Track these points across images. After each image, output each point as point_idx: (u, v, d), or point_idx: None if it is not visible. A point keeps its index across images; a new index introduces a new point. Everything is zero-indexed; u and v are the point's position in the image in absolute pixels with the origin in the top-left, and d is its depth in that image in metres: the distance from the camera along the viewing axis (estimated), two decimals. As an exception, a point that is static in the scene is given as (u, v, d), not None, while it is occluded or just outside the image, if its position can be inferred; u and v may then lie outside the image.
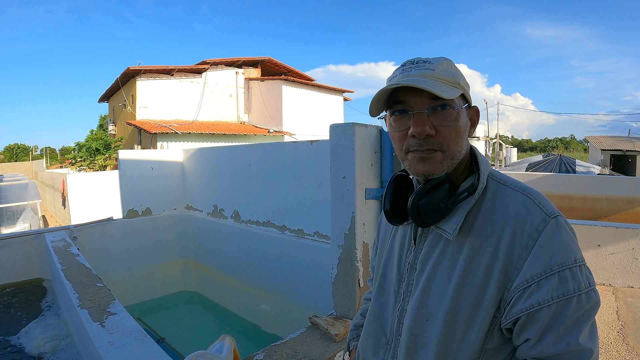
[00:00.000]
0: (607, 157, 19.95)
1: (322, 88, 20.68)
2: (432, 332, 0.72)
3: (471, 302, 0.70)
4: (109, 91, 20.68)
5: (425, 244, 0.79)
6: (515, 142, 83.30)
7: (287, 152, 4.17)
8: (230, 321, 5.07)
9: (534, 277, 0.65)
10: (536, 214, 0.69)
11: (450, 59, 0.75)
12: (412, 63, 0.73)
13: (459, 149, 0.74)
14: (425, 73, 0.71)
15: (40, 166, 32.43)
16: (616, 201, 8.28)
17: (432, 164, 0.73)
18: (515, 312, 0.67)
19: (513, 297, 0.67)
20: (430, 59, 0.73)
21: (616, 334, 2.83)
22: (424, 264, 0.78)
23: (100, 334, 2.03)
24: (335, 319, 2.16)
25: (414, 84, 0.68)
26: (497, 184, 0.76)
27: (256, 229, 4.62)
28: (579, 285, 0.65)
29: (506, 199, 0.73)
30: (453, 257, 0.73)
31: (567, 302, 0.64)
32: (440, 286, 0.73)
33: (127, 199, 5.52)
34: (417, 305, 0.76)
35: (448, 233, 0.74)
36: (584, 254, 2.69)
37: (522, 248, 0.67)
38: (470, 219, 0.74)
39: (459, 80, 0.72)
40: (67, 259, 3.53)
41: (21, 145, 72.91)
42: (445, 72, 0.72)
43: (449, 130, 0.72)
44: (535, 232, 0.67)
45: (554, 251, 0.66)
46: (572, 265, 0.66)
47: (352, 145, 2.09)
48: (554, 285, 0.64)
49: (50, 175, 17.62)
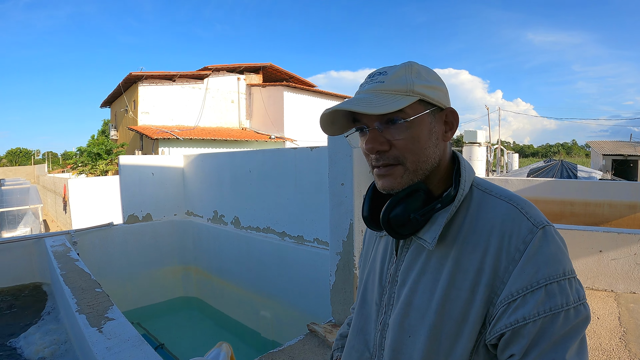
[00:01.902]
0: (608, 162, 19.93)
1: (323, 94, 20.73)
2: (415, 349, 0.70)
3: (456, 318, 0.67)
4: (111, 96, 20.79)
5: (407, 255, 0.76)
6: (517, 148, 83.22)
7: (287, 159, 4.18)
8: (230, 327, 5.05)
9: (520, 290, 0.62)
10: (523, 224, 0.66)
11: (413, 63, 0.72)
12: (370, 76, 0.72)
13: (423, 159, 0.71)
14: (375, 87, 0.69)
15: (42, 171, 32.54)
16: (618, 206, 8.24)
17: (390, 180, 0.71)
18: (499, 327, 0.63)
19: (498, 312, 0.64)
20: (387, 69, 0.71)
21: (618, 341, 2.80)
22: (405, 276, 0.75)
23: (98, 339, 2.03)
24: (333, 326, 2.15)
25: (346, 107, 0.67)
26: (482, 193, 0.73)
27: (256, 235, 4.62)
28: (567, 300, 0.62)
29: (492, 209, 0.70)
30: (436, 270, 0.70)
31: (553, 317, 0.61)
32: (423, 301, 0.70)
33: (128, 205, 5.53)
34: (399, 320, 0.73)
35: (427, 243, 0.70)
36: (586, 260, 2.64)
37: (509, 261, 0.64)
38: (454, 230, 0.71)
39: (413, 87, 0.68)
40: (66, 263, 3.54)
41: (23, 150, 73.18)
42: (397, 81, 0.68)
43: (402, 142, 0.69)
44: (522, 244, 0.64)
45: (540, 263, 0.63)
46: (561, 279, 0.62)
47: (351, 152, 2.10)
48: (540, 299, 0.61)
49: (52, 180, 17.67)
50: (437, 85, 0.72)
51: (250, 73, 20.38)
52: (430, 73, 0.72)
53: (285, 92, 18.43)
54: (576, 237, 3.74)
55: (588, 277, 3.72)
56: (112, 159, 16.71)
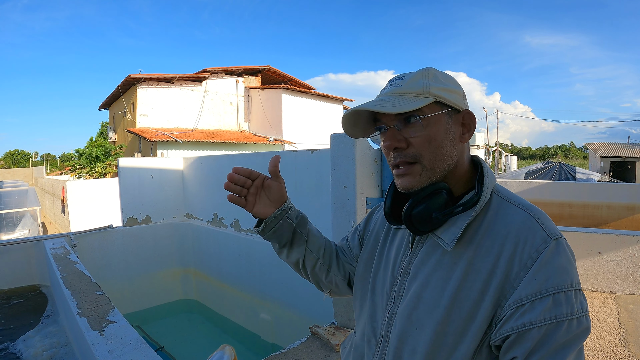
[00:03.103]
0: (606, 164, 19.97)
1: (322, 97, 20.75)
2: (421, 341, 0.72)
3: (464, 316, 0.69)
4: (109, 99, 20.75)
5: (422, 250, 0.79)
6: (515, 150, 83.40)
7: (287, 161, 4.19)
8: (229, 330, 5.05)
9: (529, 296, 0.65)
10: (538, 234, 0.69)
11: (430, 68, 0.76)
12: (390, 81, 0.78)
13: (440, 157, 0.74)
14: (394, 90, 0.74)
15: (40, 173, 32.41)
16: (616, 208, 8.28)
17: (409, 179, 0.75)
18: (506, 329, 0.66)
19: (505, 315, 0.67)
20: (406, 75, 0.76)
21: (618, 342, 2.81)
22: (418, 270, 0.77)
23: (100, 342, 2.03)
24: (335, 328, 2.15)
25: (367, 107, 0.72)
26: (501, 200, 0.76)
27: (256, 237, 4.62)
28: (572, 310, 0.65)
29: (508, 215, 0.73)
30: (449, 268, 0.73)
31: (557, 325, 0.64)
32: (433, 296, 0.73)
33: (127, 207, 5.52)
34: (407, 311, 0.76)
35: (445, 243, 0.74)
36: (585, 261, 2.67)
37: (521, 267, 0.67)
38: (470, 232, 0.73)
39: (429, 89, 0.73)
40: (66, 266, 3.53)
41: (21, 152, 73.02)
42: (414, 84, 0.73)
43: (419, 139, 0.73)
44: (535, 252, 0.67)
45: (551, 273, 0.66)
46: (568, 289, 0.66)
47: (353, 155, 2.11)
48: (547, 306, 0.64)
49: (50, 182, 17.63)
50: (454, 88, 0.76)
51: (248, 76, 20.39)
52: (447, 77, 0.77)
53: (283, 95, 18.44)
54: (575, 238, 3.75)
55: (587, 279, 3.73)
56: (110, 161, 16.69)
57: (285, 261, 0.99)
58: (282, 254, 0.96)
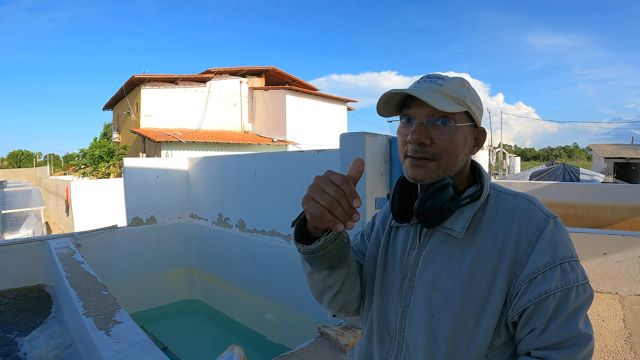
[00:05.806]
0: (610, 165, 19.89)
1: (325, 97, 20.76)
2: (439, 328, 0.76)
3: (480, 297, 0.74)
4: (113, 99, 20.83)
5: (430, 242, 0.83)
6: (519, 151, 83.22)
7: (294, 162, 4.18)
8: (234, 330, 5.05)
9: (540, 268, 0.72)
10: (537, 214, 0.77)
11: (467, 81, 0.81)
12: (428, 77, 0.81)
13: (454, 162, 0.80)
14: (434, 87, 0.77)
15: (44, 173, 32.53)
16: (621, 209, 8.23)
17: (422, 172, 0.79)
18: (523, 302, 0.72)
19: (520, 289, 0.73)
20: (445, 77, 0.80)
21: (623, 342, 2.80)
22: (428, 260, 0.81)
23: (106, 342, 2.03)
24: (344, 329, 2.15)
25: (414, 93, 0.74)
26: (498, 193, 0.83)
27: (262, 238, 4.62)
28: (577, 277, 0.73)
29: (508, 203, 0.80)
30: (460, 255, 0.78)
31: (568, 291, 0.71)
32: (447, 282, 0.77)
33: (132, 207, 5.53)
34: (422, 301, 0.79)
35: (456, 232, 0.79)
36: (591, 262, 2.70)
37: (527, 245, 0.74)
38: (475, 221, 0.79)
39: (464, 99, 0.78)
40: (71, 266, 3.54)
41: (25, 152, 73.23)
42: (453, 89, 0.77)
43: (444, 142, 0.77)
44: (538, 230, 0.75)
45: (555, 246, 0.73)
46: (571, 260, 0.74)
47: (363, 155, 2.11)
48: (557, 275, 0.72)
49: (54, 182, 17.70)
50: (479, 105, 0.82)
51: (252, 76, 20.42)
52: (476, 94, 0.83)
53: (287, 96, 18.47)
54: (581, 239, 3.74)
55: (592, 280, 3.71)
56: (114, 161, 16.74)
57: (320, 284, 0.85)
58: (319, 275, 0.82)
